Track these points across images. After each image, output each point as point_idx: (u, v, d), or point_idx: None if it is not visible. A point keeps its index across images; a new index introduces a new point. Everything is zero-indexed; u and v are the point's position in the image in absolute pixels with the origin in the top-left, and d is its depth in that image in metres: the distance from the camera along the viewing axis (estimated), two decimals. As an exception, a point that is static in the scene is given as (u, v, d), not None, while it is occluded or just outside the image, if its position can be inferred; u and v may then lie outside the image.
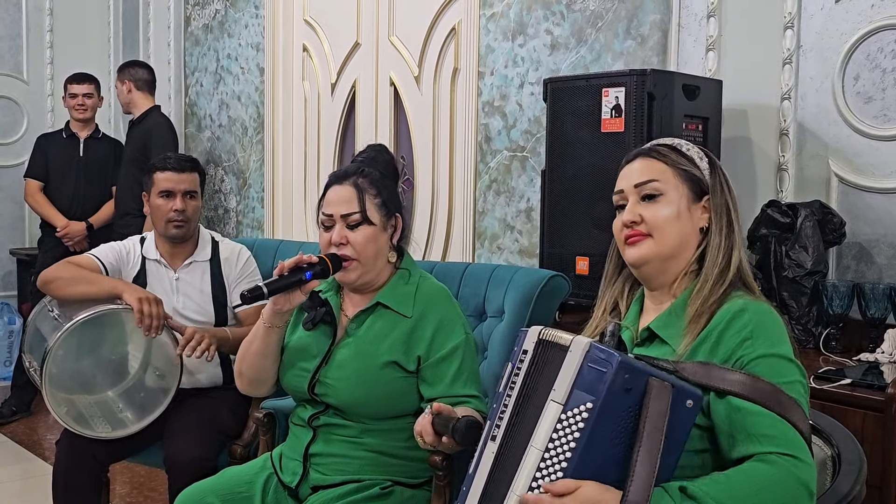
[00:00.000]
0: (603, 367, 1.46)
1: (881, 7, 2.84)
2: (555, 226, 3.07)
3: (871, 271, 2.87)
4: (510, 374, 1.66)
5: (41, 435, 4.85)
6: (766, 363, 1.58)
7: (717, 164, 1.80)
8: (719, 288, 1.68)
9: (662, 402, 1.45)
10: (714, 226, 1.74)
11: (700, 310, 1.66)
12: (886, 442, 2.21)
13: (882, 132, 2.84)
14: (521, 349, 1.65)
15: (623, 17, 3.50)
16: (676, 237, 1.73)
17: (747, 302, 1.65)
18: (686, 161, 1.77)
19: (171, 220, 2.99)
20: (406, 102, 4.52)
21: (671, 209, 1.73)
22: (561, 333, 1.59)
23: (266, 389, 2.37)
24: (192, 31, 5.82)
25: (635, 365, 1.47)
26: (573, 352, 1.52)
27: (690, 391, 1.49)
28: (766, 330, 1.62)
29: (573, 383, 1.49)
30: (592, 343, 1.50)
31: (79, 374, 2.82)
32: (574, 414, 1.47)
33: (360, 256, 2.19)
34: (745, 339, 1.60)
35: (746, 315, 1.62)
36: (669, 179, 1.75)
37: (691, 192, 1.75)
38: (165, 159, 3.09)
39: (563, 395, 1.49)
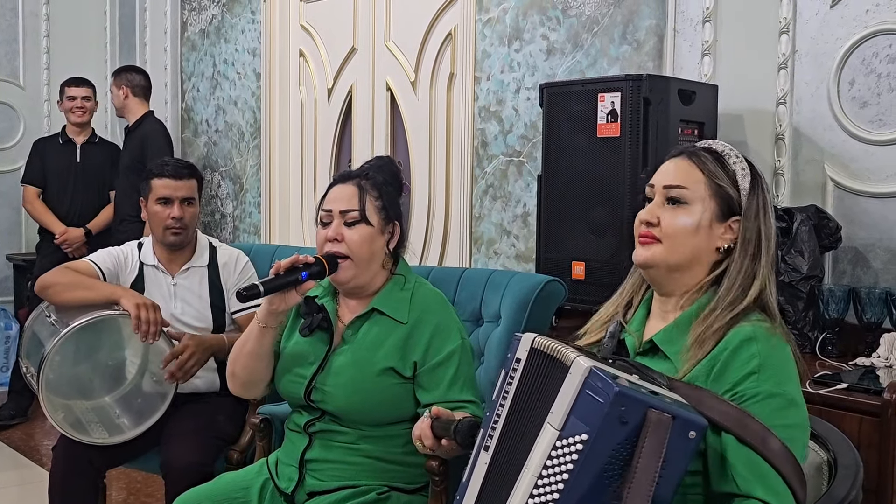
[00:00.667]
0: (600, 396, 1.42)
1: (876, 12, 2.84)
2: (551, 231, 3.08)
3: (868, 276, 2.88)
4: (503, 383, 1.64)
5: (38, 441, 4.84)
6: (767, 403, 1.53)
7: (762, 186, 1.70)
8: (727, 314, 1.61)
9: (659, 436, 1.39)
10: (738, 250, 1.66)
11: (703, 336, 1.60)
12: (882, 446, 2.21)
13: (877, 137, 2.85)
14: (514, 357, 1.63)
15: (619, 23, 3.51)
16: (689, 250, 1.67)
17: (756, 328, 1.59)
18: (725, 175, 1.68)
19: (169, 227, 2.99)
20: (402, 107, 4.53)
21: (691, 220, 1.67)
22: (558, 346, 1.56)
23: (259, 391, 2.37)
24: (188, 36, 5.83)
25: (634, 395, 1.42)
26: (573, 374, 1.48)
27: (693, 421, 1.43)
28: (773, 365, 1.56)
29: (570, 409, 1.46)
30: (592, 368, 1.45)
31: (76, 379, 2.82)
32: (569, 443, 1.44)
33: (353, 255, 2.19)
34: (750, 373, 1.55)
35: (755, 345, 1.56)
36: (700, 189, 1.68)
37: (719, 208, 1.67)
38: (163, 165, 3.08)
39: (560, 420, 1.46)
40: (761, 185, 1.69)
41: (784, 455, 1.50)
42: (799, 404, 1.57)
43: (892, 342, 2.58)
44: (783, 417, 1.53)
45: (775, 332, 1.61)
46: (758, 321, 1.61)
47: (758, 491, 1.47)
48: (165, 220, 2.99)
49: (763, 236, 1.67)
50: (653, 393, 1.46)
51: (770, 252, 1.68)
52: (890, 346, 2.58)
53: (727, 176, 1.68)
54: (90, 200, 5.28)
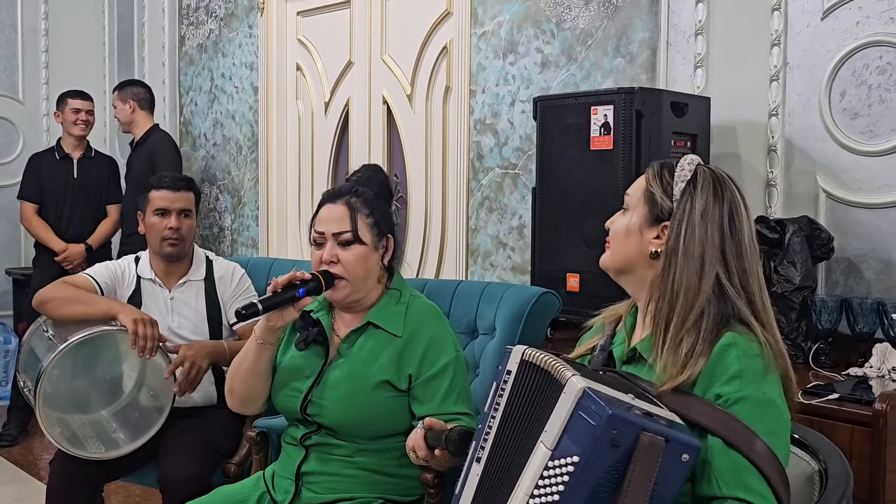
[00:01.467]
0: (592, 419, 1.41)
1: (866, 24, 2.87)
2: (546, 243, 3.09)
3: (860, 286, 2.89)
4: (494, 394, 1.65)
5: (37, 455, 4.85)
6: (750, 405, 1.53)
7: (699, 190, 1.65)
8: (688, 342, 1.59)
9: (651, 457, 1.39)
10: (664, 256, 1.65)
11: (672, 374, 1.57)
12: (874, 456, 2.22)
13: (869, 148, 2.87)
14: (505, 369, 1.64)
15: (612, 36, 3.54)
16: (622, 253, 1.72)
17: (737, 336, 1.58)
18: (659, 183, 1.69)
19: (166, 238, 3.01)
20: (399, 120, 4.55)
21: (624, 223, 1.72)
22: (553, 361, 1.55)
23: (257, 407, 2.38)
24: (186, 50, 5.85)
25: (626, 418, 1.41)
26: (566, 394, 1.47)
27: (687, 443, 1.43)
28: (754, 369, 1.56)
29: (563, 430, 1.46)
30: (586, 389, 1.44)
31: (73, 393, 2.83)
32: (560, 464, 1.44)
33: (349, 276, 2.21)
34: (732, 377, 1.55)
35: (734, 350, 1.57)
36: (637, 195, 1.73)
37: (647, 212, 1.69)
38: (161, 178, 3.11)
39: (553, 440, 1.46)
40: (696, 192, 1.65)
41: (768, 457, 1.51)
42: (780, 406, 1.57)
43: (884, 352, 2.59)
44: (766, 419, 1.54)
45: (756, 342, 1.60)
46: (741, 333, 1.60)
47: (740, 492, 1.48)
48: (162, 231, 3.01)
49: (698, 243, 1.62)
50: (647, 414, 1.45)
51: (722, 261, 1.62)
52: (882, 356, 2.59)
53: (662, 183, 1.69)
54: (88, 215, 5.28)
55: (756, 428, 1.52)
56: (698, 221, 1.63)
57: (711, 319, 1.60)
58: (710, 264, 1.61)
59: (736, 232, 1.64)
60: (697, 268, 1.61)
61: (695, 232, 1.62)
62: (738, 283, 1.62)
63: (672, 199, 1.67)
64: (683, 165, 1.69)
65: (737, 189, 1.69)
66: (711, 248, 1.62)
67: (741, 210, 1.67)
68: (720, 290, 1.62)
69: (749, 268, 1.65)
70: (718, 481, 1.50)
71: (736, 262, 1.63)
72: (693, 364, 1.57)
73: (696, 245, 1.62)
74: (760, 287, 1.66)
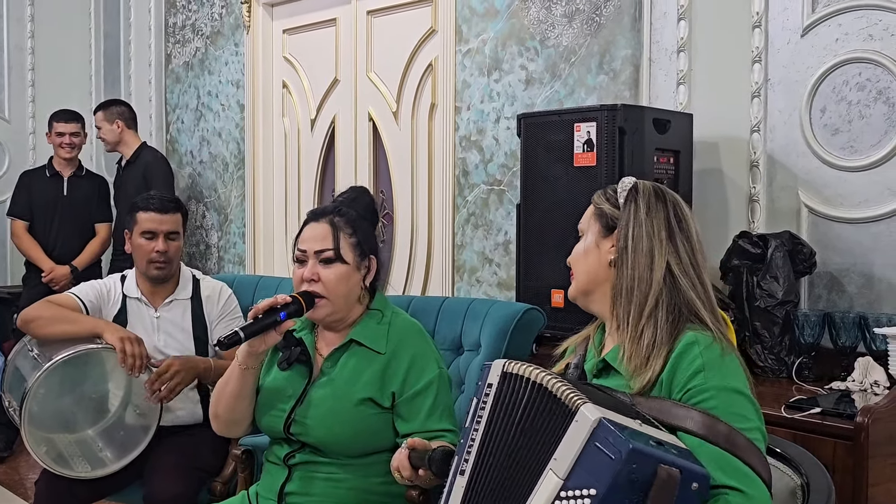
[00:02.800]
0: (611, 452, 1.41)
1: (845, 41, 2.90)
2: (531, 259, 3.11)
3: (843, 300, 2.91)
4: (475, 409, 1.66)
5: (22, 474, 4.82)
6: (720, 398, 1.60)
7: (640, 195, 1.76)
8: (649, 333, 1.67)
9: (669, 492, 1.42)
10: (619, 259, 1.74)
11: (637, 364, 1.66)
12: (857, 470, 2.23)
13: (849, 163, 2.90)
14: (486, 383, 1.66)
15: (595, 53, 3.56)
16: (584, 274, 1.80)
17: (698, 335, 1.66)
18: (605, 200, 1.81)
19: (153, 260, 3.00)
20: (385, 137, 4.57)
21: (582, 246, 1.82)
22: (546, 376, 1.57)
23: (242, 430, 2.37)
24: (172, 68, 5.86)
25: (645, 451, 1.42)
26: (580, 423, 1.47)
27: (698, 473, 1.46)
28: (717, 362, 1.63)
29: (576, 460, 1.45)
30: (602, 420, 1.44)
31: (58, 412, 2.82)
32: (574, 496, 1.44)
33: (329, 294, 2.21)
34: (696, 372, 1.62)
35: (696, 347, 1.64)
36: (588, 220, 1.84)
37: (600, 226, 1.80)
38: (148, 199, 3.10)
39: (565, 470, 1.46)
40: (638, 196, 1.75)
41: (749, 448, 1.56)
42: (747, 394, 1.63)
43: (866, 366, 2.61)
44: (736, 407, 1.60)
45: (710, 333, 1.68)
46: (700, 331, 1.68)
47: (730, 481, 1.53)
48: (149, 254, 3.00)
49: (646, 237, 1.72)
50: (659, 443, 1.46)
51: (674, 251, 1.72)
52: (864, 370, 2.61)
53: (608, 199, 1.81)
54: (76, 233, 5.28)
55: (729, 419, 1.58)
56: (644, 219, 1.74)
57: (665, 309, 1.69)
58: (660, 255, 1.71)
59: (684, 226, 1.76)
60: (648, 261, 1.71)
61: (642, 228, 1.73)
62: (692, 273, 1.72)
63: (618, 208, 1.78)
64: (624, 181, 1.81)
65: (677, 196, 1.81)
66: (659, 242, 1.72)
67: (684, 209, 1.78)
68: (672, 280, 1.70)
69: (701, 262, 1.75)
70: (713, 473, 1.53)
71: (688, 253, 1.73)
72: (656, 356, 1.65)
73: (645, 239, 1.72)
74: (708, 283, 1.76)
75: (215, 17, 5.48)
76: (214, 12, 5.48)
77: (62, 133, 5.24)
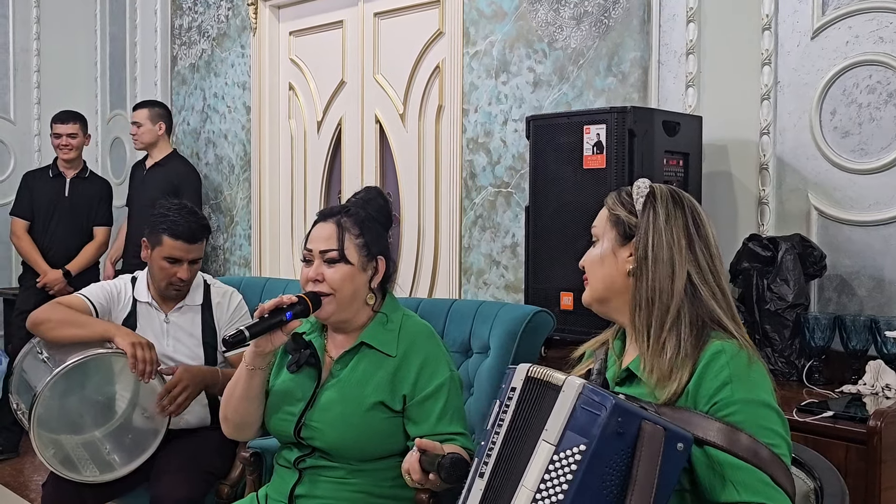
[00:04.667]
0: (597, 409, 1.46)
1: (856, 43, 2.89)
2: (539, 261, 3.10)
3: (853, 303, 2.90)
4: (498, 412, 1.66)
5: (27, 476, 4.82)
6: (746, 411, 1.57)
7: (658, 201, 1.72)
8: (671, 345, 1.64)
9: (655, 445, 1.45)
10: (638, 269, 1.70)
11: (660, 377, 1.63)
12: (869, 474, 2.22)
13: (859, 166, 2.89)
14: (510, 387, 1.66)
15: (604, 55, 3.56)
16: (600, 281, 1.76)
17: (725, 343, 1.63)
18: (621, 205, 1.76)
19: (174, 283, 2.97)
20: (391, 140, 4.56)
21: (598, 251, 1.77)
22: (552, 372, 1.59)
23: (252, 433, 2.36)
24: (178, 70, 5.86)
25: (629, 408, 1.47)
26: (566, 392, 1.52)
27: (681, 434, 1.49)
28: (744, 372, 1.61)
29: (566, 424, 1.49)
30: (586, 384, 1.50)
31: (65, 414, 2.81)
32: (566, 456, 1.47)
33: (335, 294, 2.20)
34: (723, 384, 1.59)
35: (723, 357, 1.61)
36: (603, 225, 1.79)
37: (617, 233, 1.75)
38: (177, 224, 2.94)
39: (556, 435, 1.50)
40: (657, 203, 1.72)
41: (774, 461, 1.55)
42: (774, 407, 1.61)
43: (877, 369, 2.60)
44: (763, 420, 1.58)
45: (736, 342, 1.65)
46: (726, 339, 1.65)
47: (754, 498, 1.52)
48: (170, 278, 2.96)
49: (666, 247, 1.68)
50: (642, 408, 1.51)
51: (693, 260, 1.69)
52: (875, 373, 2.60)
53: (623, 205, 1.76)
54: (73, 235, 5.27)
55: (755, 431, 1.56)
56: (664, 227, 1.70)
57: (688, 320, 1.66)
58: (680, 266, 1.68)
59: (703, 232, 1.73)
60: (669, 271, 1.67)
61: (662, 237, 1.69)
62: (711, 282, 1.69)
63: (636, 215, 1.73)
64: (639, 185, 1.77)
65: (693, 200, 1.78)
66: (679, 251, 1.69)
67: (703, 216, 1.75)
68: (693, 290, 1.68)
69: (720, 269, 1.73)
70: (736, 486, 1.53)
71: (708, 261, 1.70)
72: (680, 368, 1.62)
73: (665, 249, 1.68)
74: (728, 290, 1.74)
75: (221, 19, 5.48)
76: (221, 14, 5.48)
77: (59, 134, 5.24)
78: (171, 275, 2.96)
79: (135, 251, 4.93)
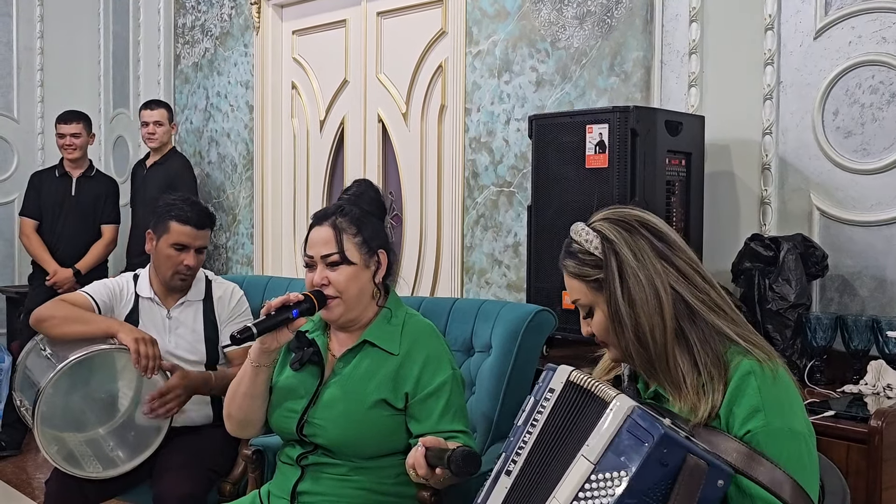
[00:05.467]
0: (643, 437, 1.43)
1: (858, 44, 2.89)
2: (541, 260, 3.10)
3: (855, 303, 2.90)
4: (532, 410, 1.65)
5: (30, 474, 4.82)
6: (776, 440, 1.53)
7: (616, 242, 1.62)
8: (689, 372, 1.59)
9: (696, 480, 1.42)
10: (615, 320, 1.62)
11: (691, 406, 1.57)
12: (870, 473, 2.23)
13: (862, 166, 2.89)
14: (548, 387, 1.64)
15: (607, 55, 3.56)
16: (623, 341, 1.63)
17: (752, 363, 1.58)
18: (590, 267, 1.65)
19: (180, 272, 2.98)
20: (394, 139, 4.57)
21: (602, 319, 1.66)
22: (599, 384, 1.56)
23: (255, 431, 2.37)
24: (181, 69, 5.87)
25: (676, 439, 1.44)
26: (614, 411, 1.49)
27: (723, 470, 1.46)
28: (776, 398, 1.56)
29: (608, 445, 1.47)
30: (636, 407, 1.47)
31: (69, 411, 2.81)
32: (605, 478, 1.45)
33: (342, 295, 2.21)
34: (756, 410, 1.54)
35: (753, 380, 1.56)
36: (587, 294, 1.68)
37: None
38: (184, 210, 2.99)
39: (597, 454, 1.47)
40: (615, 245, 1.63)
41: (798, 494, 1.51)
42: (807, 436, 1.57)
43: (879, 369, 2.61)
44: (793, 453, 1.54)
45: (769, 360, 1.59)
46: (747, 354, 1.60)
47: None
48: (177, 266, 2.97)
49: (646, 283, 1.60)
50: (688, 438, 1.48)
51: (677, 278, 1.61)
52: (877, 373, 2.60)
53: (587, 264, 1.66)
54: (81, 234, 5.29)
55: (784, 464, 1.52)
56: (636, 266, 1.61)
57: (696, 339, 1.59)
58: (665, 293, 1.60)
59: (670, 240, 1.65)
60: (655, 305, 1.59)
61: (639, 277, 1.60)
62: (701, 284, 1.62)
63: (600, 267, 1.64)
64: (581, 235, 1.68)
65: (634, 208, 1.70)
66: (658, 275, 1.61)
67: (653, 221, 1.67)
68: (687, 309, 1.61)
69: (706, 277, 1.65)
70: None
71: (689, 263, 1.63)
72: (709, 389, 1.57)
73: (646, 287, 1.60)
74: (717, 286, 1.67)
75: (224, 18, 5.49)
76: (224, 13, 5.49)
77: (63, 134, 5.26)
78: (178, 262, 2.97)
79: (137, 249, 4.95)
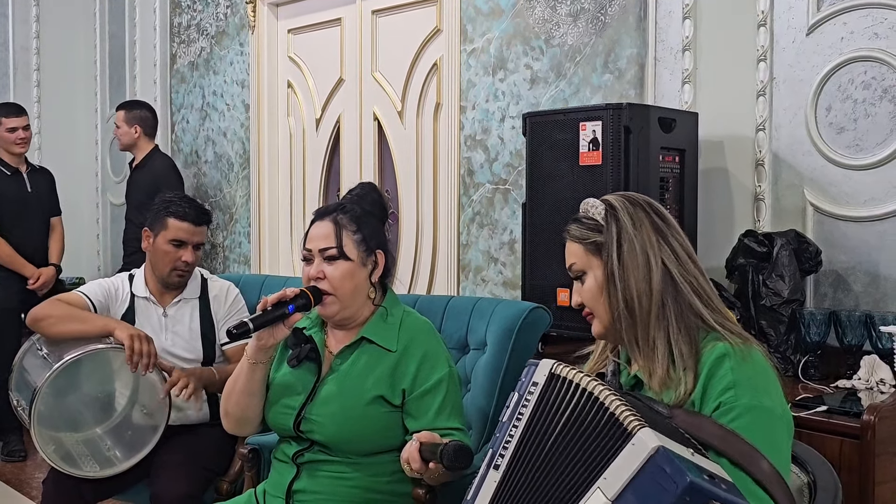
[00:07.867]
0: (667, 484, 1.38)
1: (850, 39, 2.90)
2: (536, 258, 3.11)
3: (848, 299, 2.91)
4: (516, 405, 1.64)
5: (28, 473, 4.83)
6: (750, 417, 1.55)
7: (619, 210, 1.71)
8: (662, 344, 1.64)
9: None
10: (610, 281, 1.68)
11: (660, 381, 1.62)
12: (863, 468, 2.23)
13: (855, 161, 2.90)
14: (530, 381, 1.63)
15: (601, 52, 3.57)
16: (607, 309, 1.71)
17: (726, 346, 1.61)
18: (590, 230, 1.74)
19: (178, 268, 3.00)
20: (390, 137, 4.58)
21: (591, 286, 1.73)
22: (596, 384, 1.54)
23: (252, 428, 2.38)
24: (177, 68, 5.87)
25: (702, 487, 1.38)
26: (636, 447, 1.43)
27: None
28: (748, 377, 1.59)
29: (628, 483, 1.43)
30: (662, 448, 1.41)
31: (65, 411, 2.82)
32: None
33: (336, 291, 2.22)
34: (727, 388, 1.57)
35: (727, 361, 1.59)
36: (582, 257, 1.74)
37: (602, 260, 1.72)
38: (183, 206, 3.01)
39: (615, 491, 1.43)
40: (618, 212, 1.71)
41: (774, 477, 1.52)
42: (779, 415, 1.59)
43: (872, 364, 2.61)
44: (767, 432, 1.56)
45: (743, 343, 1.63)
46: (720, 340, 1.63)
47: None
48: (175, 262, 2.99)
49: (640, 251, 1.67)
50: (711, 477, 1.43)
51: (669, 255, 1.68)
52: (870, 368, 2.61)
53: (591, 229, 1.73)
54: (41, 229, 5.18)
55: (758, 443, 1.53)
56: (633, 233, 1.69)
57: (673, 316, 1.65)
58: (656, 263, 1.67)
59: (670, 223, 1.72)
60: (645, 273, 1.66)
61: (634, 243, 1.68)
62: (692, 268, 1.68)
63: (601, 233, 1.72)
64: (591, 203, 1.76)
65: (645, 196, 1.77)
66: (652, 247, 1.68)
67: (660, 207, 1.74)
68: (673, 285, 1.66)
69: (697, 264, 1.70)
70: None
71: (684, 247, 1.70)
72: (679, 369, 1.61)
73: (639, 254, 1.67)
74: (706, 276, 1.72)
75: (220, 17, 5.49)
76: (219, 12, 5.49)
77: (14, 128, 5.04)
78: (176, 259, 2.98)
79: (131, 249, 4.95)
